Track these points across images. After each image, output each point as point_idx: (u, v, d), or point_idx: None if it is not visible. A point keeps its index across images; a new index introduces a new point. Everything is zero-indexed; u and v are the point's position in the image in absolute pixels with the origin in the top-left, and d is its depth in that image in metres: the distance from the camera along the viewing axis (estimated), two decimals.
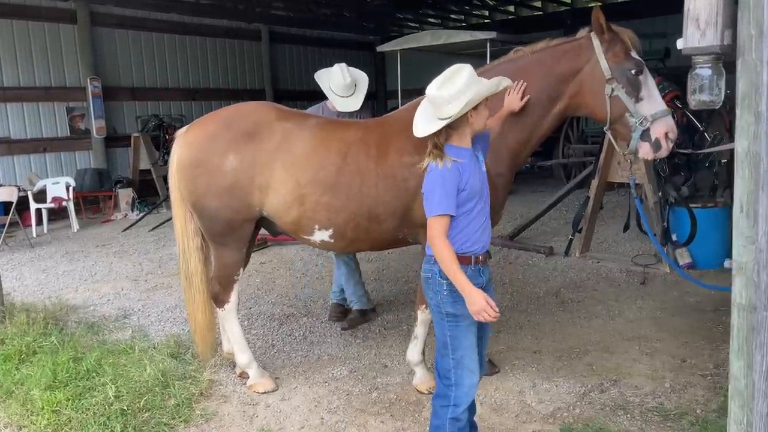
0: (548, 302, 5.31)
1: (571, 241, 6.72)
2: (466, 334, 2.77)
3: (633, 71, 3.32)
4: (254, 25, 15.32)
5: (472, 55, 11.55)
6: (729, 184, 6.90)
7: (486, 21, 17.61)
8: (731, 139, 7.01)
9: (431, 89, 2.78)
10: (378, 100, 18.88)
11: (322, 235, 3.70)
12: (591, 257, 6.53)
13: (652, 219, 5.96)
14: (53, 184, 10.20)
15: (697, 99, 2.01)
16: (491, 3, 16.00)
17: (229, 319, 3.99)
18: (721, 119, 7.50)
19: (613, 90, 3.34)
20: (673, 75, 9.39)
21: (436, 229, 2.73)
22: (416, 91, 3.80)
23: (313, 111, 4.87)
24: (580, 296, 5.42)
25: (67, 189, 10.10)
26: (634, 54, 3.38)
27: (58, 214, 10.45)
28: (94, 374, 4.14)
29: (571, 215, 9.06)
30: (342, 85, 4.73)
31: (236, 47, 15.05)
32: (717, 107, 2.12)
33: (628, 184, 6.52)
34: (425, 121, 2.92)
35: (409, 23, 17.56)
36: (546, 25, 15.49)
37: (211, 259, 4.03)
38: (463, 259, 2.87)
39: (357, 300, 5.01)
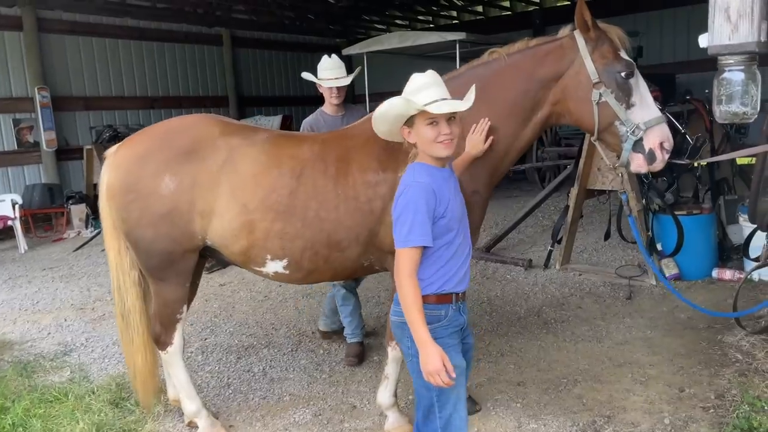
0: (530, 323, 4.91)
1: (550, 252, 6.35)
2: (455, 386, 2.34)
3: (623, 74, 2.93)
4: (215, 29, 14.73)
5: (441, 57, 11.20)
6: (711, 187, 6.61)
7: (454, 22, 17.30)
8: (712, 140, 6.72)
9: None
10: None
11: (275, 267, 3.24)
12: (572, 269, 6.16)
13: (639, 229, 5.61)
14: None
15: (724, 110, 1.61)
16: (459, 3, 15.68)
17: (173, 363, 3.49)
18: (701, 120, 7.22)
19: (600, 95, 2.95)
20: (646, 75, 9.17)
21: (405, 264, 2.31)
22: (385, 95, 3.40)
23: (310, 122, 4.64)
24: (564, 315, 5.03)
25: (14, 207, 9.43)
26: (623, 54, 2.99)
27: (5, 233, 9.78)
28: (21, 429, 3.61)
29: (547, 221, 8.75)
30: (329, 63, 4.58)
31: (197, 53, 14.43)
32: (750, 121, 1.71)
33: (608, 191, 6.23)
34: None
35: (376, 25, 17.15)
36: (515, 26, 15.24)
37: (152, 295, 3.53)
38: (443, 299, 2.49)
39: (359, 334, 4.52)
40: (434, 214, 2.35)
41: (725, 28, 1.40)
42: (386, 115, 2.42)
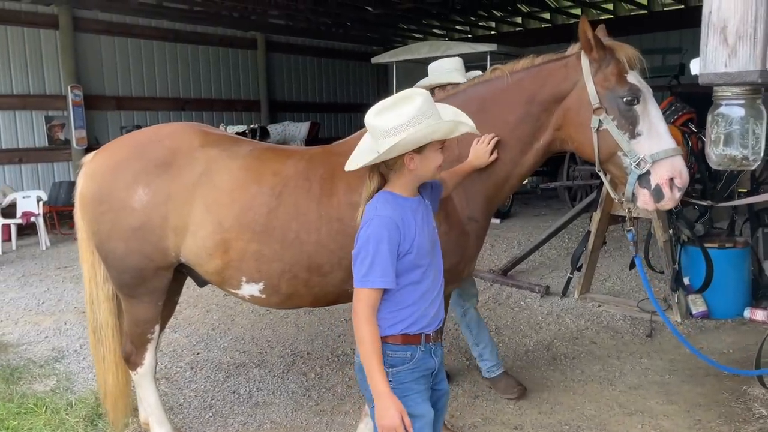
0: (538, 357, 4.57)
1: (569, 279, 5.99)
2: None
3: (625, 99, 2.62)
4: (250, 33, 14.75)
5: (472, 68, 10.88)
6: (749, 219, 6.15)
7: (492, 33, 16.96)
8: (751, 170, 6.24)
9: (369, 114, 2.14)
10: None
11: (250, 289, 3.02)
12: (591, 299, 5.79)
13: (662, 261, 5.22)
14: (24, 197, 9.62)
15: (720, 154, 1.31)
16: (498, 14, 15.34)
17: (143, 384, 3.31)
18: None
19: (600, 122, 2.65)
20: (689, 94, 8.69)
21: (362, 307, 2.08)
22: None
23: None
24: (576, 351, 4.68)
25: (38, 203, 9.51)
26: (631, 77, 2.67)
27: (32, 229, 9.86)
28: None
29: (573, 244, 8.33)
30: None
31: (230, 56, 14.46)
32: (752, 167, 1.41)
33: (634, 218, 5.83)
34: (362, 152, 2.26)
35: (414, 34, 16.93)
36: (554, 38, 14.78)
37: None
38: (410, 339, 2.22)
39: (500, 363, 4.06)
40: (398, 250, 2.11)
41: (721, 52, 1.12)
42: (416, 138, 2.04)
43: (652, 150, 2.60)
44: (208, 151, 3.02)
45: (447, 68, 4.02)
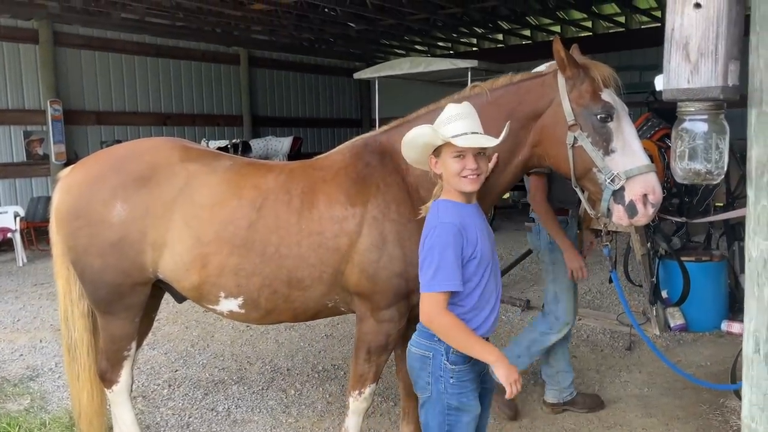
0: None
1: None
2: (468, 430, 2.32)
3: (599, 117, 2.66)
4: (233, 48, 14.77)
5: (454, 84, 11.00)
6: (726, 232, 6.24)
7: (474, 49, 17.16)
8: (728, 182, 6.35)
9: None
10: (362, 130, 18.33)
11: (229, 305, 3.00)
12: None
13: (641, 274, 5.28)
14: (0, 213, 9.48)
15: (685, 168, 1.34)
16: (479, 31, 15.52)
17: (118, 402, 3.25)
18: None
19: (575, 139, 2.69)
20: (665, 110, 8.84)
21: (429, 307, 2.20)
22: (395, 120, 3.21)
23: None
24: None
25: (15, 218, 9.37)
26: (605, 95, 2.71)
27: (8, 245, 9.71)
28: None
29: None
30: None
31: (213, 71, 14.46)
32: (716, 182, 1.44)
33: (612, 232, 5.90)
34: None
35: (396, 50, 17.07)
36: (535, 55, 14.96)
37: None
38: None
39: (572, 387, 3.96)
40: (463, 255, 2.21)
41: (683, 68, 1.15)
42: (413, 142, 2.34)
43: (626, 166, 2.63)
44: (188, 166, 3.01)
45: None
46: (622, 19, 14.53)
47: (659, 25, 14.21)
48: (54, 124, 11.25)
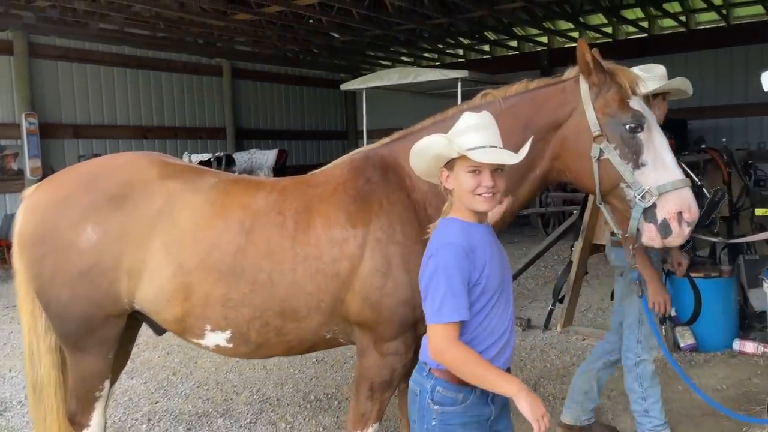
0: None
1: (551, 311, 5.76)
2: None
3: (628, 127, 2.42)
4: (216, 60, 14.46)
5: (444, 96, 10.79)
6: (729, 246, 6.03)
7: (460, 60, 17.02)
8: (731, 194, 6.15)
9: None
10: (348, 141, 18.06)
11: (216, 339, 2.70)
12: (575, 332, 5.56)
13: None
14: None
15: None
16: (465, 42, 15.38)
17: None
18: (718, 171, 6.68)
19: (601, 151, 2.44)
20: (670, 121, 8.68)
21: (440, 339, 1.95)
22: (385, 132, 3.00)
23: None
24: (564, 390, 4.39)
25: None
26: (633, 103, 2.47)
27: None
28: None
29: (550, 273, 8.18)
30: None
31: (195, 83, 14.12)
32: None
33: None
34: None
35: (381, 61, 16.86)
36: (522, 66, 14.92)
37: None
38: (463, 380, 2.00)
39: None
40: (469, 280, 1.96)
41: None
42: (424, 152, 2.11)
43: (658, 181, 2.39)
44: (168, 184, 2.71)
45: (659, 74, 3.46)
46: (609, 30, 14.47)
47: (646, 35, 14.18)
48: (29, 138, 10.84)
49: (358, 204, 2.63)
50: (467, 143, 1.98)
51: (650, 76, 3.51)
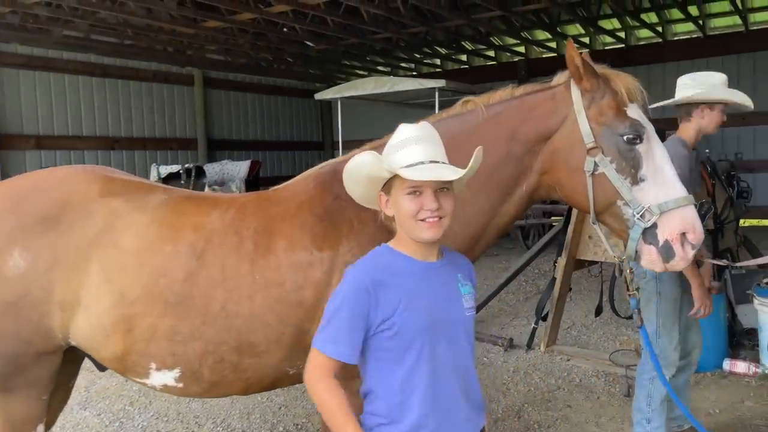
0: (509, 428, 4.02)
1: (534, 330, 5.51)
2: None
3: (625, 137, 2.18)
4: (186, 69, 14.10)
5: (421, 105, 10.59)
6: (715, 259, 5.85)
7: (437, 70, 16.88)
8: (715, 206, 5.98)
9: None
10: (324, 152, 17.76)
11: (162, 378, 2.38)
12: (559, 352, 5.31)
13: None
14: None
15: None
16: (443, 52, 15.22)
17: None
18: (703, 183, 6.53)
19: (596, 165, 2.19)
20: (662, 131, 8.55)
21: (313, 365, 1.72)
22: (361, 143, 2.72)
23: (672, 151, 2.68)
24: (550, 417, 4.14)
25: None
26: (631, 111, 2.23)
27: None
28: None
29: (531, 287, 7.96)
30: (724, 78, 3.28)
31: (165, 92, 13.73)
32: None
33: (600, 262, 5.45)
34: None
35: (357, 71, 16.63)
36: (500, 76, 14.79)
37: None
38: None
39: None
40: (369, 322, 1.67)
41: None
42: (355, 174, 1.85)
43: (659, 199, 2.14)
44: (110, 203, 2.39)
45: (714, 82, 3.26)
46: (586, 40, 14.44)
47: (623, 46, 14.16)
48: None
49: (325, 224, 2.35)
50: (401, 160, 1.71)
51: (717, 84, 3.33)
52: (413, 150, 1.71)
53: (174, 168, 11.14)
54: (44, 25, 10.29)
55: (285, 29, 11.84)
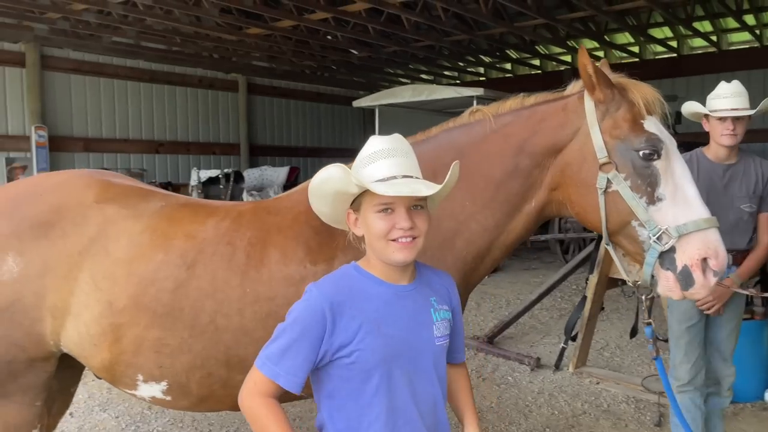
0: None
1: (563, 350, 5.28)
2: None
3: (641, 153, 2.01)
4: (231, 75, 14.32)
5: (459, 114, 10.42)
6: (761, 280, 5.49)
7: (481, 79, 16.67)
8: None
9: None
10: None
11: (150, 390, 2.32)
12: (588, 374, 5.07)
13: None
14: None
15: None
16: (486, 60, 15.02)
17: None
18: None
19: (609, 182, 2.03)
20: (685, 143, 8.20)
21: (252, 382, 1.59)
22: None
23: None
24: None
25: None
26: (648, 124, 2.07)
27: None
28: None
29: (566, 304, 7.68)
30: (728, 89, 3.16)
31: (210, 98, 13.99)
32: None
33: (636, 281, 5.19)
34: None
35: (400, 79, 16.58)
36: (544, 85, 14.40)
37: None
38: None
39: None
40: (322, 349, 1.55)
41: None
42: (321, 190, 1.73)
43: (678, 220, 1.96)
44: (105, 209, 2.36)
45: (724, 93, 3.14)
46: (635, 49, 14.00)
47: (675, 55, 13.67)
48: (38, 151, 10.74)
49: (321, 236, 2.26)
50: (371, 174, 1.59)
51: (714, 95, 3.18)
52: (384, 164, 1.60)
53: (213, 173, 11.30)
54: (95, 31, 10.62)
55: (328, 37, 11.89)
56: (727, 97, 3.11)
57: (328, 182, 1.67)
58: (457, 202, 2.24)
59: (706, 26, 12.79)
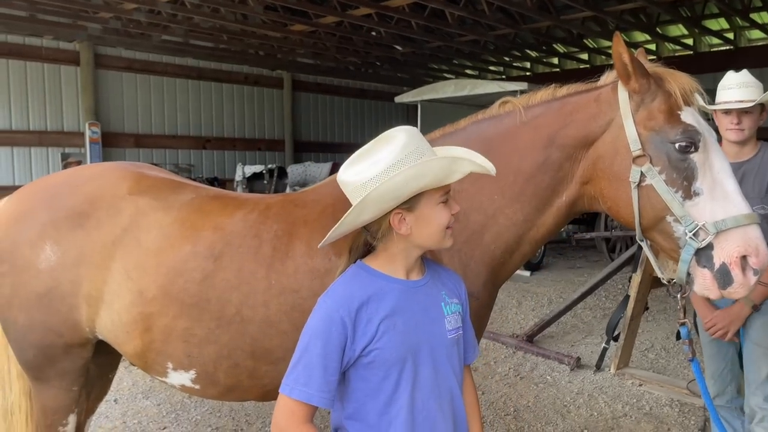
0: None
1: (604, 350, 5.13)
2: None
3: (677, 145, 1.91)
4: (276, 72, 14.50)
5: None
6: None
7: (527, 74, 16.39)
8: None
9: (341, 168, 1.68)
10: None
11: (180, 378, 2.36)
12: (630, 376, 4.92)
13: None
14: None
15: None
16: (533, 55, 14.75)
17: None
18: None
19: (643, 175, 1.94)
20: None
21: (284, 414, 1.54)
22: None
23: None
24: None
25: None
26: (685, 116, 1.96)
27: None
28: None
29: (611, 303, 7.48)
30: (733, 80, 2.83)
31: (255, 94, 14.21)
32: None
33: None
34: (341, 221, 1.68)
35: (445, 74, 16.46)
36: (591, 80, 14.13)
37: None
38: None
39: None
40: (346, 357, 1.53)
41: None
42: (400, 190, 1.53)
43: (716, 216, 1.86)
44: (137, 201, 2.40)
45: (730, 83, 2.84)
46: (690, 41, 13.50)
47: (731, 48, 13.13)
48: (92, 147, 11.13)
49: None
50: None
51: (721, 86, 2.98)
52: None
53: (258, 168, 11.47)
54: (145, 30, 10.92)
55: (373, 33, 11.90)
56: (732, 88, 2.80)
57: (423, 179, 1.52)
58: (485, 196, 2.20)
59: (764, 17, 12.23)
